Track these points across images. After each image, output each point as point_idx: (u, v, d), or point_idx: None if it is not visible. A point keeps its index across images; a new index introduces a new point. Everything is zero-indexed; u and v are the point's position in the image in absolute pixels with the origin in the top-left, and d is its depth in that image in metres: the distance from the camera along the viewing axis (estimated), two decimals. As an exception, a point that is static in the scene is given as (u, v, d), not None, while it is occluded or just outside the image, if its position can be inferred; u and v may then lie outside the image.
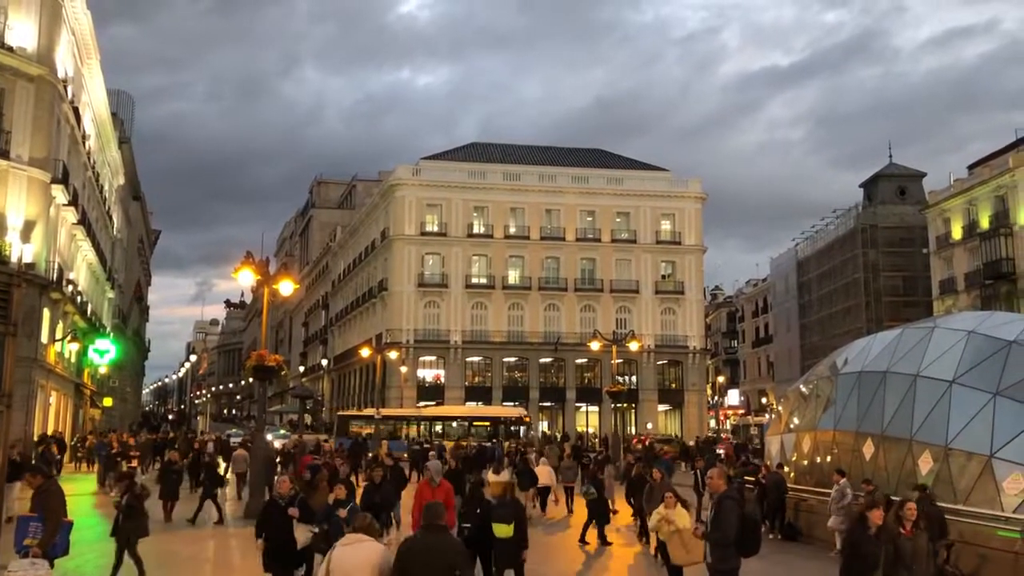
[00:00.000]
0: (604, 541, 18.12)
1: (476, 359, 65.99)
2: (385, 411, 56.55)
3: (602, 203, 67.97)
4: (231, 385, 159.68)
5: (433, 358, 65.48)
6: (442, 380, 64.92)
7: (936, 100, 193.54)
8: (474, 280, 65.93)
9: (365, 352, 60.45)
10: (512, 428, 50.80)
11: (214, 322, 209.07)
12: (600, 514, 18.35)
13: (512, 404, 60.88)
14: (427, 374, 65.39)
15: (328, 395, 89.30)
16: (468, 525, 11.58)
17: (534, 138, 79.31)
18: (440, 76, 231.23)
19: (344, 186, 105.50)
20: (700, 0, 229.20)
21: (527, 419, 52.96)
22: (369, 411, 57.61)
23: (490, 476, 17.74)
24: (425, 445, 38.96)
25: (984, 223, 53.46)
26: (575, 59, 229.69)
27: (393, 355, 60.15)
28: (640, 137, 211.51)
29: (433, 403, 62.54)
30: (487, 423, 52.02)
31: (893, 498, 16.58)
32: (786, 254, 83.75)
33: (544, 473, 22.87)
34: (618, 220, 68.32)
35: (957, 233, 56.48)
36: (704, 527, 9.72)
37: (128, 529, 12.61)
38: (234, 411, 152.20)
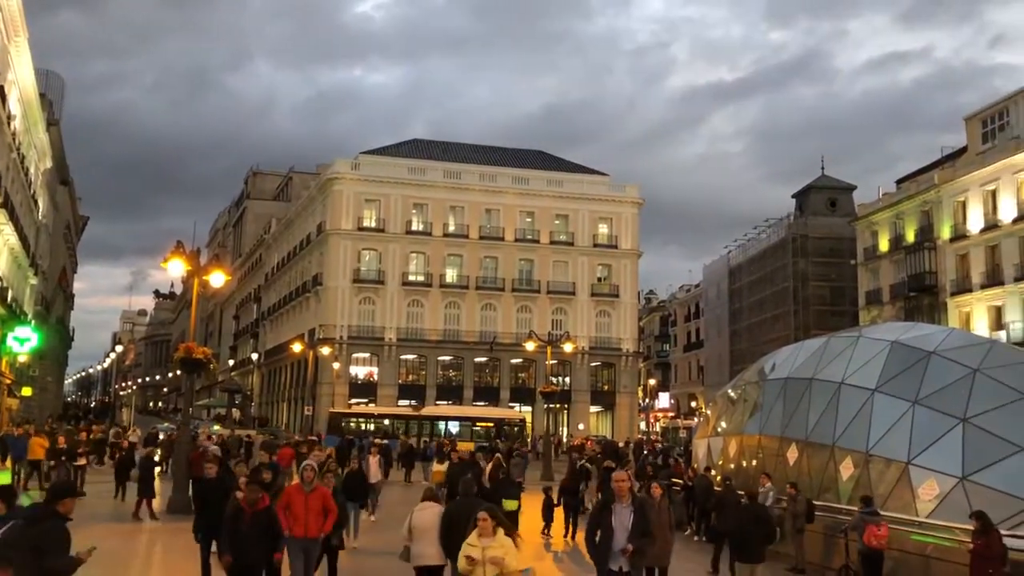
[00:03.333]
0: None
1: (411, 357, 65.64)
2: (380, 409, 56.89)
3: (541, 205, 68.25)
4: (158, 377, 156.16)
5: (367, 355, 64.92)
6: (375, 377, 64.42)
7: (870, 120, 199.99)
8: (411, 277, 65.57)
9: (297, 347, 59.68)
10: (515, 429, 52.02)
11: (142, 312, 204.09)
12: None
13: (511, 406, 62.19)
14: (360, 371, 64.80)
15: (258, 390, 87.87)
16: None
17: (482, 141, 80.00)
18: (392, 76, 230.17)
19: (280, 178, 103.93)
20: (651, 14, 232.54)
21: (525, 421, 54.65)
22: (366, 408, 57.77)
23: (434, 467, 22.38)
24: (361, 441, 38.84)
25: (910, 237, 55.15)
26: (527, 66, 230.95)
27: (326, 351, 59.48)
28: (587, 145, 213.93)
29: (365, 401, 62.15)
30: (490, 424, 52.95)
31: (816, 503, 17.03)
32: (719, 261, 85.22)
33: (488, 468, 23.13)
34: (557, 222, 68.67)
35: (884, 246, 58.14)
36: (640, 539, 9.19)
37: None
38: (160, 404, 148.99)
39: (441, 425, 52.55)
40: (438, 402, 62.32)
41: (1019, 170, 46.60)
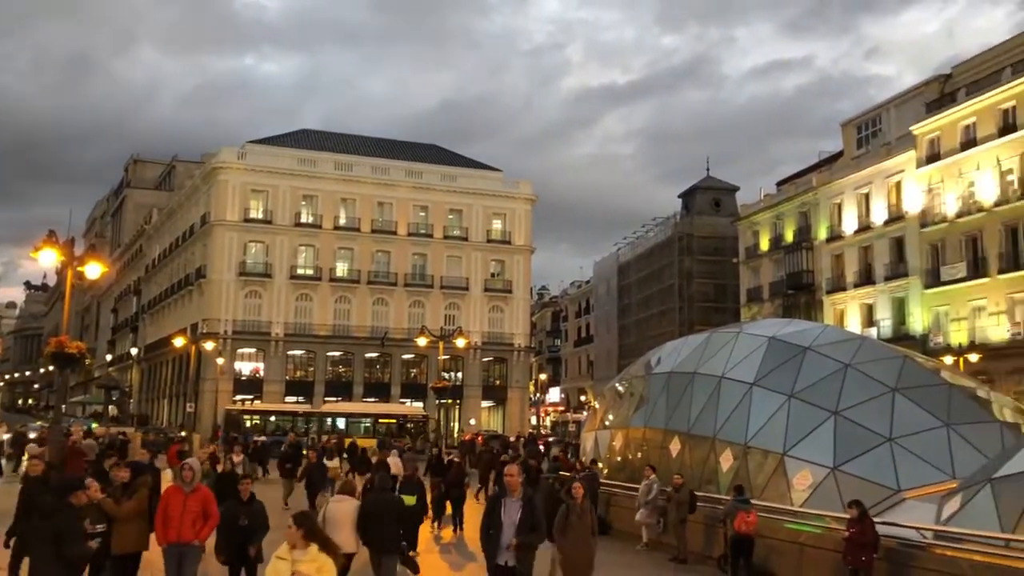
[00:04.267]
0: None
1: (299, 353, 64.26)
2: (280, 406, 55.51)
3: (435, 199, 67.88)
4: (28, 373, 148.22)
5: (253, 350, 63.18)
6: (261, 373, 62.80)
7: (755, 124, 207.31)
8: (300, 271, 64.14)
9: (179, 342, 57.55)
10: (420, 426, 51.58)
11: (11, 305, 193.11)
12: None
13: (403, 402, 61.57)
14: (245, 367, 63.04)
15: (137, 386, 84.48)
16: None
17: (378, 135, 78.60)
18: (285, 67, 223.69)
19: (163, 166, 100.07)
20: (547, 15, 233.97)
21: (430, 418, 53.87)
22: (264, 405, 56.17)
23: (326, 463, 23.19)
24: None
25: (789, 237, 57.42)
26: (424, 61, 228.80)
27: (209, 346, 57.57)
28: (483, 142, 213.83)
29: (251, 397, 60.56)
30: (393, 420, 52.62)
31: (697, 493, 17.46)
32: (609, 258, 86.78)
33: (395, 464, 23.16)
34: (450, 217, 68.44)
35: (764, 245, 60.34)
36: (526, 535, 9.20)
37: None
38: (31, 401, 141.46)
39: (341, 422, 51.85)
40: (327, 399, 61.26)
41: (890, 174, 49.11)
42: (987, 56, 47.48)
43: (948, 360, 36.42)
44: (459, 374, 66.06)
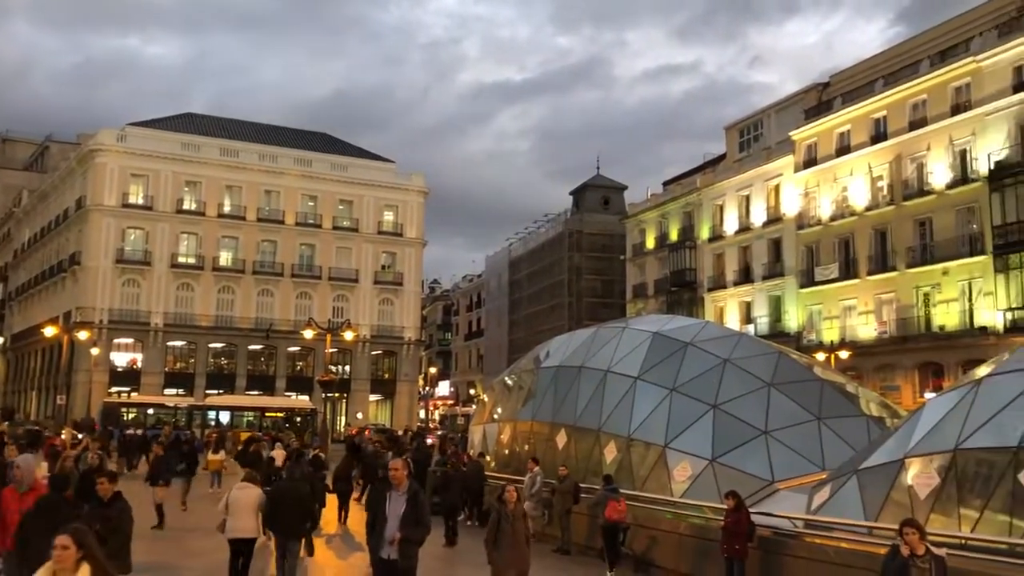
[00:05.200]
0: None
1: (179, 344, 62.09)
2: (161, 398, 53.32)
3: (325, 188, 66.65)
4: None
5: (130, 341, 60.65)
6: (139, 365, 60.38)
7: (644, 126, 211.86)
8: (181, 259, 61.94)
9: (50, 331, 54.67)
10: (308, 419, 50.33)
11: None
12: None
13: (294, 395, 60.00)
14: (122, 358, 60.46)
15: (2, 377, 79.92)
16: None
17: (269, 122, 75.97)
18: (172, 49, 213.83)
19: (35, 146, 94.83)
20: (445, 8, 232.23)
21: (317, 411, 52.61)
22: (145, 397, 53.81)
23: (209, 456, 24.11)
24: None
25: (673, 236, 59.02)
26: (319, 49, 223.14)
27: (83, 335, 54.93)
28: (378, 134, 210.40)
29: (127, 390, 58.20)
30: (280, 414, 51.44)
31: (582, 485, 17.76)
32: (501, 253, 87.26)
33: (280, 456, 23.31)
34: (340, 207, 67.35)
35: (650, 243, 61.84)
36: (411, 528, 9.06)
37: None
38: None
39: (225, 415, 50.36)
40: (208, 391, 59.40)
41: (770, 178, 51.06)
42: (862, 67, 49.94)
43: (820, 356, 38.14)
44: (347, 367, 65.22)
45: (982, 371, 13.77)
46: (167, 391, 58.65)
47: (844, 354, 41.18)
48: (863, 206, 44.16)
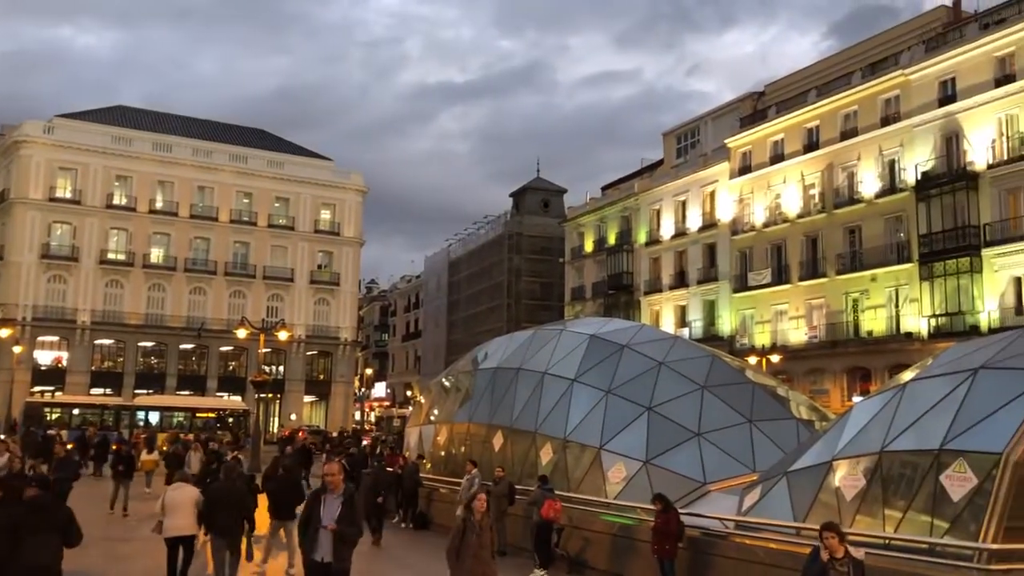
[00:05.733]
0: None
1: (107, 342, 60.41)
2: (91, 399, 51.73)
3: (261, 186, 65.57)
4: None
5: (55, 339, 58.82)
6: (64, 363, 58.59)
7: (584, 131, 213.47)
8: (110, 255, 60.29)
9: (-31, 328, 52.69)
10: (240, 420, 49.33)
11: None
12: None
13: (226, 395, 58.89)
14: (46, 356, 58.59)
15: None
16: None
17: (206, 117, 74.35)
18: (105, 40, 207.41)
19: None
20: (387, 7, 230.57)
21: (250, 412, 51.58)
22: (71, 397, 52.12)
23: (143, 456, 24.22)
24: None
25: (611, 239, 59.55)
26: (258, 45, 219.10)
27: (5, 333, 53.03)
28: (317, 131, 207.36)
29: (51, 389, 56.42)
30: (212, 414, 50.59)
31: (517, 487, 17.77)
32: (440, 253, 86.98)
33: (196, 459, 22.89)
34: (277, 205, 66.35)
35: (589, 246, 62.31)
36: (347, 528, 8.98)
37: None
38: None
39: (155, 416, 49.16)
40: (137, 391, 57.94)
41: (706, 184, 51.87)
42: (796, 78, 51.07)
43: (752, 360, 38.82)
44: (281, 368, 64.30)
45: (907, 376, 14.17)
46: (94, 391, 57.03)
47: (775, 358, 42.01)
48: (795, 213, 45.14)
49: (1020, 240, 34.49)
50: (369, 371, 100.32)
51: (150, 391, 57.67)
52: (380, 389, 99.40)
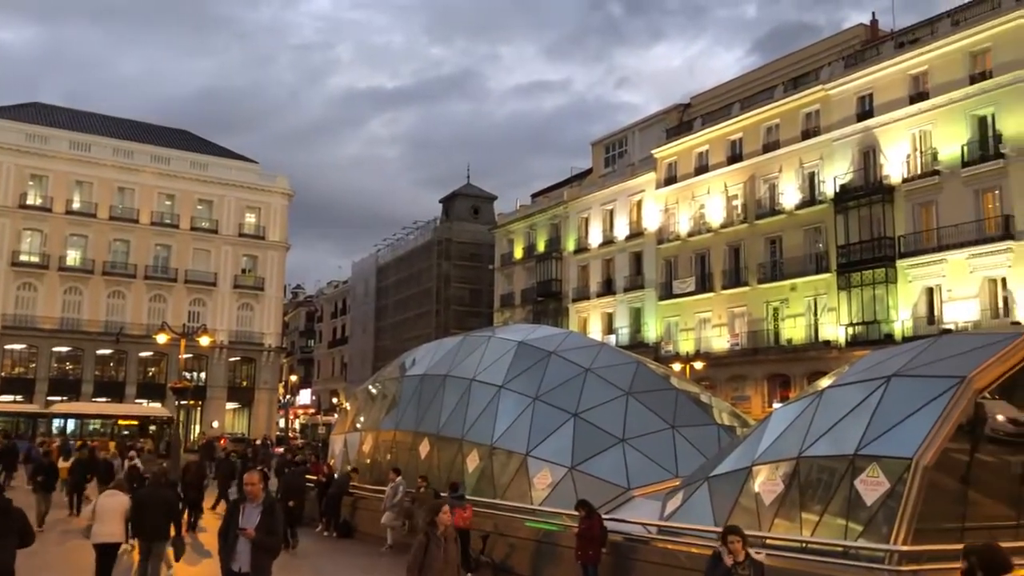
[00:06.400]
0: None
1: (19, 347, 58.12)
2: (3, 406, 49.50)
3: (183, 187, 64.01)
4: None
5: (-38, 343, 56.41)
6: (-28, 369, 56.20)
7: (515, 139, 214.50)
8: (23, 257, 58.08)
9: None
10: (163, 427, 47.89)
11: None
12: None
13: (146, 402, 57.60)
14: (-48, 361, 56.13)
15: None
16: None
17: (130, 117, 72.16)
18: (23, 36, 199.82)
19: None
20: (317, 11, 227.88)
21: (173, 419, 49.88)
22: None
23: (60, 464, 23.09)
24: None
25: (541, 247, 59.89)
26: (185, 46, 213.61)
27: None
28: (245, 134, 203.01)
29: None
30: (135, 421, 49.30)
31: (442, 494, 17.66)
32: (368, 259, 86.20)
33: (136, 463, 22.73)
34: (200, 207, 64.85)
35: (518, 253, 62.55)
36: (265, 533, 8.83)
37: None
38: None
39: (72, 423, 47.63)
40: (51, 398, 55.89)
41: (633, 193, 52.57)
42: (721, 90, 52.18)
43: (677, 367, 39.49)
44: (203, 374, 62.79)
45: (824, 383, 14.54)
46: (3, 398, 54.83)
47: (699, 364, 42.79)
48: (719, 223, 46.06)
49: (932, 252, 35.84)
50: (294, 378, 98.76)
51: (65, 398, 55.70)
52: (305, 396, 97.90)
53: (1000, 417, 11.95)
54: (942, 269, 35.54)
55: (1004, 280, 33.69)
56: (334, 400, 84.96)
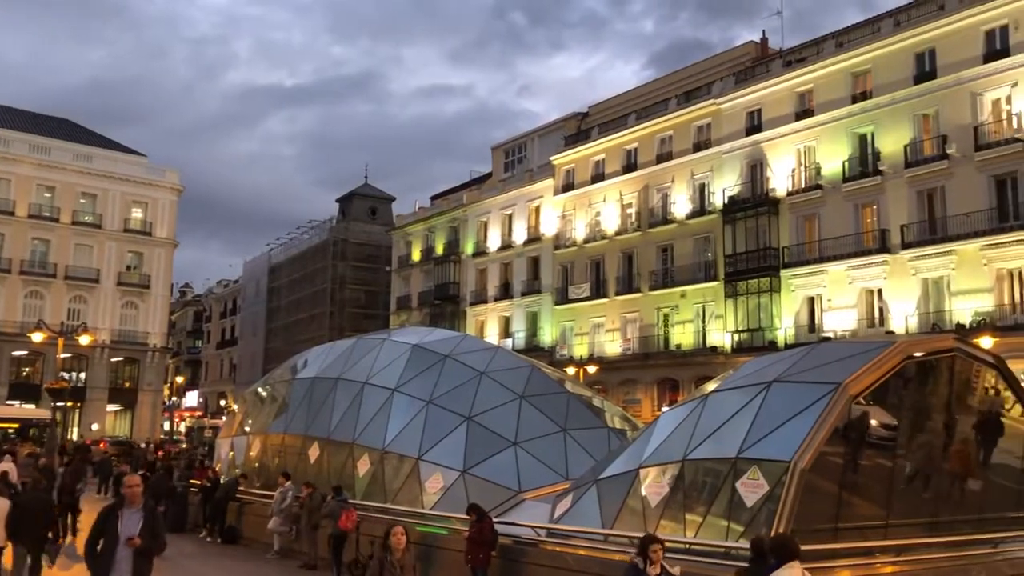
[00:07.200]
0: None
1: None
2: None
3: (65, 179, 61.04)
4: None
5: None
6: None
7: (416, 142, 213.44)
8: None
9: None
10: (45, 430, 44.91)
11: None
12: None
13: (19, 403, 53.79)
14: None
15: None
16: None
17: (13, 106, 67.54)
18: None
19: None
20: (214, 5, 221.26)
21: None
22: None
23: None
24: None
25: (439, 249, 59.72)
26: (73, 33, 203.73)
27: None
28: (136, 127, 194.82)
29: None
30: (16, 424, 46.04)
31: (327, 497, 17.36)
32: (260, 258, 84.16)
33: (10, 470, 20.84)
34: (83, 201, 62.00)
35: (416, 256, 62.19)
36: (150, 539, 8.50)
37: None
38: None
39: None
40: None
41: (531, 199, 53.01)
42: (617, 101, 53.18)
43: (571, 371, 39.98)
44: (83, 374, 60.05)
45: (709, 387, 14.96)
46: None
47: (592, 369, 43.43)
48: (613, 231, 46.92)
49: (814, 263, 37.40)
50: (180, 379, 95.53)
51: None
52: (192, 398, 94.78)
53: (873, 422, 12.56)
54: (823, 279, 37.12)
55: (880, 291, 35.42)
56: (222, 403, 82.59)
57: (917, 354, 12.94)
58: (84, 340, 43.06)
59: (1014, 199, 31.87)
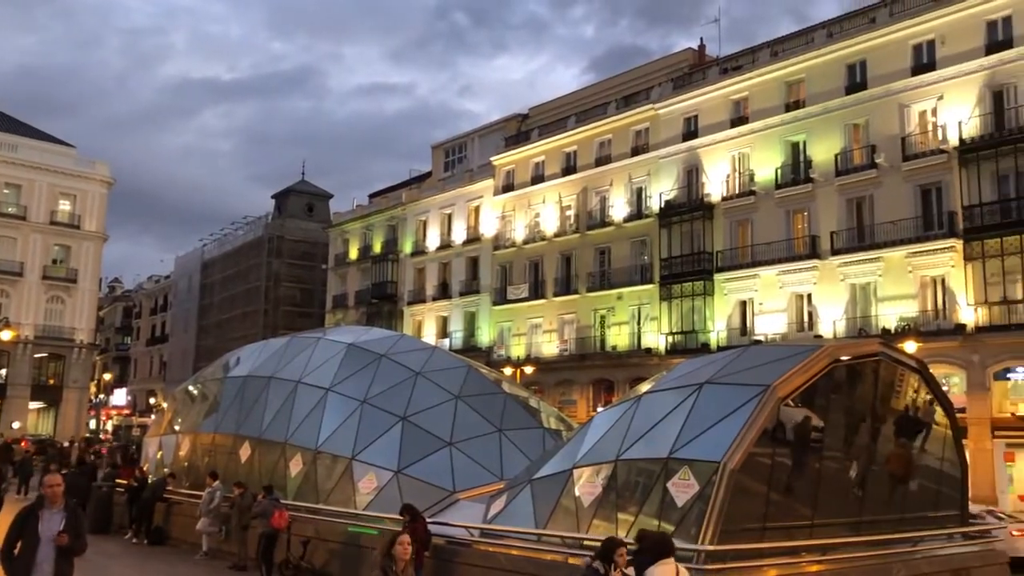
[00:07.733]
0: None
1: None
2: None
3: (-13, 169, 59.01)
4: None
5: None
6: None
7: (355, 140, 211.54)
8: None
9: None
10: None
11: None
12: None
13: None
14: None
15: None
16: None
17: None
18: None
19: None
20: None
21: None
22: None
23: None
24: None
25: (377, 248, 59.25)
26: (1, 18, 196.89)
27: None
28: (67, 118, 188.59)
29: None
30: None
31: (258, 497, 17.09)
32: (192, 253, 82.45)
33: None
34: (6, 191, 59.90)
35: (353, 254, 61.60)
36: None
37: None
38: None
39: None
40: None
41: (471, 199, 52.95)
42: (558, 103, 53.47)
43: (508, 371, 40.04)
44: (3, 371, 58.08)
45: (643, 388, 15.13)
46: None
47: (529, 369, 43.56)
48: (552, 232, 47.15)
49: (746, 268, 38.11)
50: (108, 376, 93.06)
51: None
52: (120, 396, 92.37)
53: (800, 423, 12.85)
54: (755, 284, 37.85)
55: (810, 296, 36.26)
56: (151, 401, 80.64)
57: (844, 358, 13.29)
58: (5, 335, 41.70)
59: (939, 208, 32.93)
